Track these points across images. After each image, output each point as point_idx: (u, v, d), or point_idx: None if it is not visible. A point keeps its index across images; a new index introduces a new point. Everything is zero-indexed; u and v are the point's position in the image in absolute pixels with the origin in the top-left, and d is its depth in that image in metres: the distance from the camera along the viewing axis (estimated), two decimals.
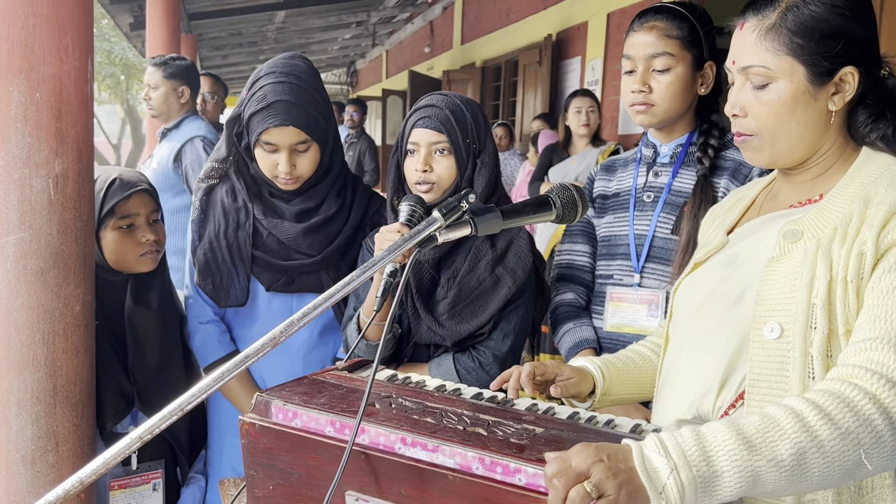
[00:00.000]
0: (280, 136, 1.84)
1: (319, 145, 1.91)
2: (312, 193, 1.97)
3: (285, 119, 1.82)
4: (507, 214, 1.20)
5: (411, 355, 1.81)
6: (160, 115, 3.77)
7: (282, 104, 1.82)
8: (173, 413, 0.91)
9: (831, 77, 1.18)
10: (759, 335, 1.17)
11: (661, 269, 1.81)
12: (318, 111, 1.88)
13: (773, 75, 1.19)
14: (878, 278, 1.08)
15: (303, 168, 1.90)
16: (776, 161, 1.26)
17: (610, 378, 1.44)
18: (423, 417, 1.15)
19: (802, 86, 1.18)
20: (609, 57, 6.33)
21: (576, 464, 0.91)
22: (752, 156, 1.27)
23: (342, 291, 1.03)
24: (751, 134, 1.24)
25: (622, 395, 1.46)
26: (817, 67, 1.17)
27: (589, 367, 1.44)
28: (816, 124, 1.21)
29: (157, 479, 1.88)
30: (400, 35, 12.86)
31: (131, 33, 8.47)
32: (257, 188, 1.99)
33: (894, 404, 0.98)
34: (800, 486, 0.97)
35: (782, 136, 1.22)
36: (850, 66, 1.18)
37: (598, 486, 0.89)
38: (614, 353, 1.53)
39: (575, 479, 0.89)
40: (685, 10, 1.78)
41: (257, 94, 1.85)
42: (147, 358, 1.87)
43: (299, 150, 1.88)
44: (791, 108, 1.19)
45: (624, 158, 2.00)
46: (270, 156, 1.88)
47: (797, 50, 1.17)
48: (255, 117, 1.85)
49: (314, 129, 1.87)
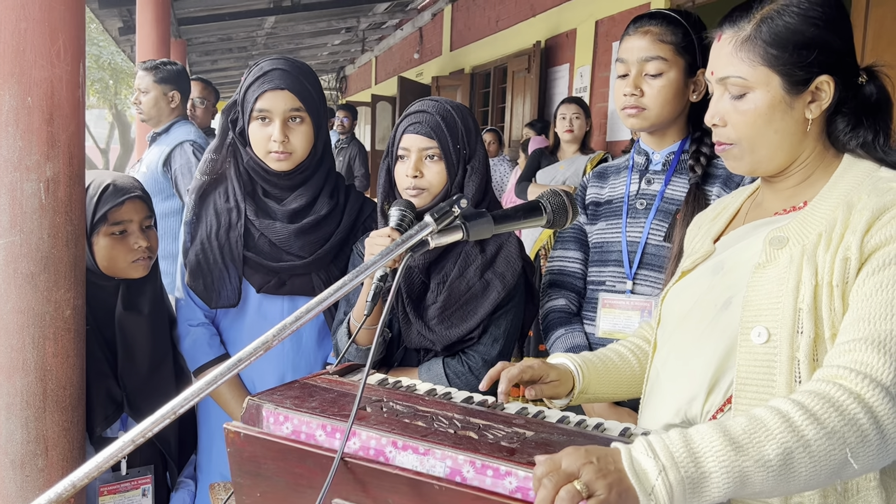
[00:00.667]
0: (274, 100, 1.88)
1: (313, 122, 1.93)
2: (304, 189, 1.98)
3: (280, 83, 1.88)
4: (499, 219, 1.21)
5: (401, 360, 1.82)
6: (150, 119, 3.76)
7: (277, 72, 1.89)
8: (165, 417, 0.92)
9: (807, 86, 1.20)
10: (746, 340, 1.19)
11: (654, 275, 1.82)
12: (312, 85, 1.94)
13: (749, 85, 1.21)
14: (863, 281, 1.10)
15: (296, 142, 1.91)
16: (756, 169, 1.28)
17: (588, 376, 1.45)
18: (414, 421, 1.15)
19: (778, 95, 1.20)
20: (597, 64, 6.36)
21: (566, 465, 0.92)
22: (733, 164, 1.29)
23: (335, 295, 1.04)
24: (731, 143, 1.26)
25: (599, 393, 1.47)
26: (792, 77, 1.20)
27: (568, 364, 1.45)
28: (794, 132, 1.23)
29: (146, 485, 1.87)
30: (389, 41, 12.88)
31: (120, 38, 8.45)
32: (251, 186, 2.00)
33: (879, 404, 1.00)
34: (787, 487, 0.98)
35: (761, 145, 1.24)
36: (825, 74, 1.20)
37: (589, 485, 0.90)
38: (594, 352, 1.53)
39: (565, 480, 0.90)
40: (679, 16, 1.80)
41: (254, 71, 1.92)
42: (137, 363, 1.87)
43: (293, 122, 1.90)
44: (768, 117, 1.21)
45: (616, 166, 2.00)
46: (264, 129, 1.90)
47: (772, 60, 1.19)
48: (251, 88, 1.90)
49: (308, 100, 1.91)
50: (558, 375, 1.41)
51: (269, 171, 1.94)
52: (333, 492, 1.10)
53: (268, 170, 1.94)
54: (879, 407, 0.99)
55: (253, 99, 1.89)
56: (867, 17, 3.75)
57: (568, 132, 4.86)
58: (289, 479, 1.14)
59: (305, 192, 1.98)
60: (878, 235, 1.11)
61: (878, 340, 1.04)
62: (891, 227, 1.10)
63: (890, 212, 1.12)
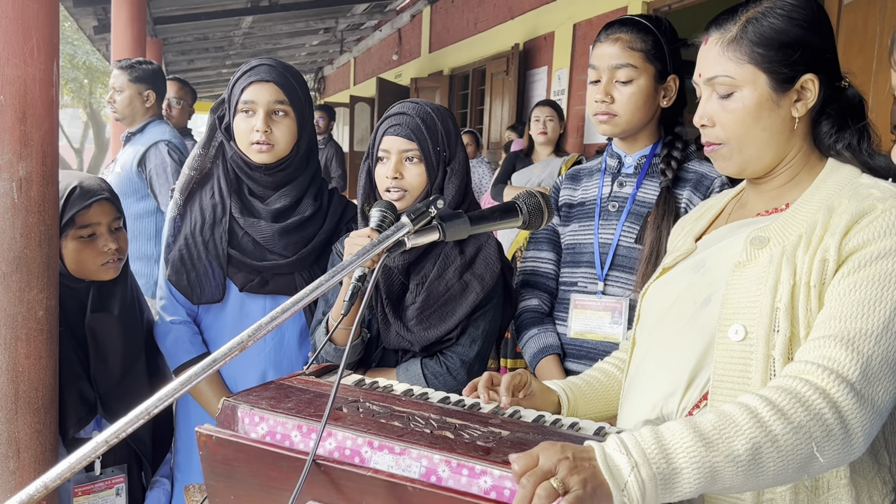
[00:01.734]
0: (259, 92, 1.90)
1: (297, 119, 1.95)
2: (289, 189, 1.98)
3: (266, 76, 1.91)
4: (475, 220, 1.21)
5: (380, 360, 1.82)
6: (124, 118, 3.73)
7: (264, 67, 1.93)
8: (140, 416, 0.91)
9: (792, 84, 1.23)
10: (723, 337, 1.21)
11: (625, 277, 1.84)
12: (299, 85, 1.97)
13: (736, 84, 1.24)
14: (838, 281, 1.13)
15: (278, 135, 1.92)
16: (745, 169, 1.30)
17: (575, 401, 1.46)
18: (390, 421, 1.16)
19: (765, 93, 1.23)
20: (575, 67, 6.40)
21: (542, 462, 0.93)
22: (722, 164, 1.31)
23: (311, 295, 1.04)
24: (719, 142, 1.28)
25: (589, 414, 1.48)
26: (778, 75, 1.22)
27: (555, 389, 1.46)
28: (781, 131, 1.25)
29: (120, 484, 1.85)
30: (368, 42, 12.86)
31: (95, 37, 8.36)
32: (237, 184, 2.00)
33: (843, 399, 1.02)
34: (757, 481, 1.00)
35: (749, 143, 1.26)
36: (809, 73, 1.23)
37: (564, 482, 0.92)
38: (579, 375, 1.55)
39: (542, 477, 0.92)
40: (650, 23, 1.82)
41: (243, 67, 1.96)
42: (109, 365, 1.85)
43: (276, 115, 1.92)
44: (756, 115, 1.24)
45: (589, 168, 2.03)
46: (249, 121, 1.91)
47: (758, 59, 1.22)
48: (238, 82, 1.93)
49: (292, 95, 1.93)
50: (539, 389, 1.41)
51: (252, 165, 1.95)
52: (308, 493, 1.09)
53: (251, 164, 1.94)
54: (844, 402, 1.02)
55: (239, 92, 1.92)
56: (839, 24, 3.81)
57: (542, 134, 4.91)
58: (262, 481, 1.13)
59: (290, 192, 1.98)
60: (856, 238, 1.13)
61: (847, 338, 1.06)
62: (868, 231, 1.13)
63: (868, 216, 1.14)
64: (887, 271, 1.09)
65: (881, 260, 1.10)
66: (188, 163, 2.03)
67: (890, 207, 1.13)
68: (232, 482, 1.16)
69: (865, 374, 1.03)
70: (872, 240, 1.12)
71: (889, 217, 1.12)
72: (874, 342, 1.05)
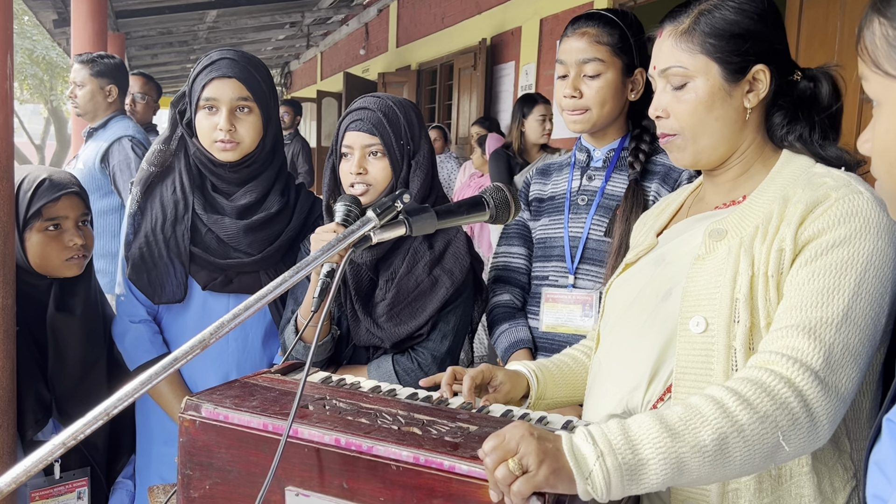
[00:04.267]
0: (222, 88, 1.85)
1: (261, 114, 1.90)
2: (254, 185, 1.94)
3: (227, 71, 1.85)
4: (442, 214, 1.21)
5: (350, 357, 1.80)
6: (86, 114, 3.66)
7: (226, 61, 1.87)
8: (98, 418, 0.89)
9: (744, 74, 1.25)
10: (685, 329, 1.22)
11: (595, 270, 1.84)
12: (261, 75, 1.92)
13: (689, 74, 1.26)
14: (796, 271, 1.14)
15: (243, 132, 1.88)
16: (699, 160, 1.31)
17: (544, 382, 1.46)
18: (357, 418, 1.15)
19: (718, 83, 1.25)
20: (542, 62, 6.42)
21: (507, 440, 0.95)
22: (677, 155, 1.33)
23: (274, 292, 1.02)
24: (673, 133, 1.30)
25: (557, 398, 1.49)
26: (730, 65, 1.25)
27: (523, 370, 1.46)
28: (735, 121, 1.27)
29: (82, 487, 1.81)
30: (335, 37, 12.77)
31: (55, 30, 8.19)
32: (200, 180, 1.95)
33: (808, 388, 1.03)
34: (724, 472, 1.01)
35: (703, 133, 1.28)
36: (760, 63, 1.25)
37: (521, 461, 0.93)
38: (549, 358, 1.55)
39: (504, 455, 0.94)
40: (616, 17, 1.83)
41: (203, 61, 1.90)
42: (68, 366, 1.80)
43: (240, 111, 1.87)
44: (708, 105, 1.26)
45: (559, 163, 2.03)
46: (211, 118, 1.86)
47: (710, 49, 1.25)
48: (199, 77, 1.87)
49: (256, 90, 1.88)
50: (506, 378, 1.41)
51: (216, 163, 1.90)
52: (286, 479, 1.09)
53: (214, 161, 1.90)
54: (809, 391, 1.03)
55: (200, 87, 1.86)
56: (800, 19, 3.86)
57: (547, 135, 4.70)
58: (242, 467, 1.13)
59: (255, 188, 1.94)
60: (811, 228, 1.15)
61: (809, 327, 1.07)
62: (823, 220, 1.14)
63: (822, 205, 1.15)
64: (843, 259, 1.11)
65: (837, 248, 1.12)
66: (147, 158, 1.98)
67: (843, 196, 1.15)
68: (210, 470, 1.15)
69: (828, 363, 1.05)
70: (827, 229, 1.13)
71: (842, 205, 1.14)
72: (835, 330, 1.07)
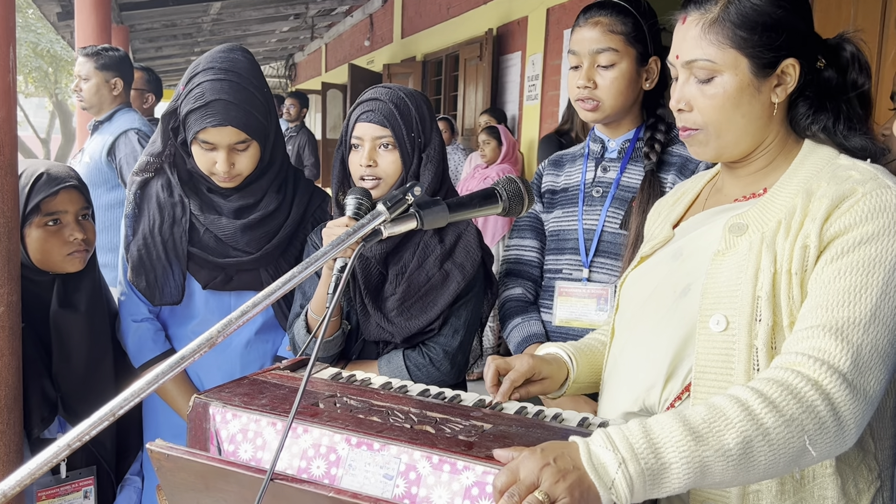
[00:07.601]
0: (218, 135, 1.79)
1: (259, 143, 1.86)
2: (252, 190, 1.92)
3: (223, 119, 1.77)
4: (454, 207, 1.18)
5: (360, 352, 1.78)
6: (91, 107, 3.64)
7: (220, 103, 1.76)
8: (105, 418, 0.87)
9: (774, 69, 1.20)
10: (704, 328, 1.18)
11: (610, 263, 1.81)
12: (258, 109, 1.83)
13: (717, 68, 1.20)
14: (821, 269, 1.10)
15: (242, 166, 1.85)
16: (721, 154, 1.27)
17: (579, 364, 1.42)
18: (368, 416, 1.12)
19: (747, 78, 1.19)
20: (549, 52, 6.36)
21: (524, 475, 0.91)
22: (698, 150, 1.28)
23: (283, 288, 1.00)
24: (696, 128, 1.24)
25: (586, 381, 1.44)
26: (761, 59, 1.19)
27: (562, 355, 1.42)
28: (760, 116, 1.22)
29: (88, 487, 1.79)
30: (339, 28, 12.72)
31: (59, 23, 8.16)
32: (194, 184, 1.93)
33: (836, 391, 0.99)
34: (747, 476, 0.97)
35: (728, 130, 1.22)
36: (791, 57, 1.20)
37: (550, 492, 0.89)
38: (581, 340, 1.51)
39: (526, 491, 0.89)
40: (629, 5, 1.78)
41: (195, 91, 1.79)
42: (73, 363, 1.78)
43: (238, 149, 1.83)
44: (736, 101, 1.20)
45: (572, 154, 1.99)
46: (208, 154, 1.82)
47: (741, 42, 1.18)
48: (192, 115, 1.79)
49: (254, 127, 1.82)
50: (550, 372, 1.37)
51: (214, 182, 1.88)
52: None
53: (212, 181, 1.88)
54: (836, 394, 0.99)
55: (194, 129, 1.79)
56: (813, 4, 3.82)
57: None
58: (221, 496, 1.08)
59: (253, 192, 1.92)
60: (838, 224, 1.11)
61: (836, 327, 1.04)
62: (850, 216, 1.10)
63: (849, 200, 1.12)
64: (871, 257, 1.07)
65: (864, 245, 1.08)
66: (139, 166, 1.95)
67: (870, 191, 1.11)
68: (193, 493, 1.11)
69: (856, 365, 1.01)
70: (854, 225, 1.10)
71: (870, 200, 1.10)
72: (863, 331, 1.03)
